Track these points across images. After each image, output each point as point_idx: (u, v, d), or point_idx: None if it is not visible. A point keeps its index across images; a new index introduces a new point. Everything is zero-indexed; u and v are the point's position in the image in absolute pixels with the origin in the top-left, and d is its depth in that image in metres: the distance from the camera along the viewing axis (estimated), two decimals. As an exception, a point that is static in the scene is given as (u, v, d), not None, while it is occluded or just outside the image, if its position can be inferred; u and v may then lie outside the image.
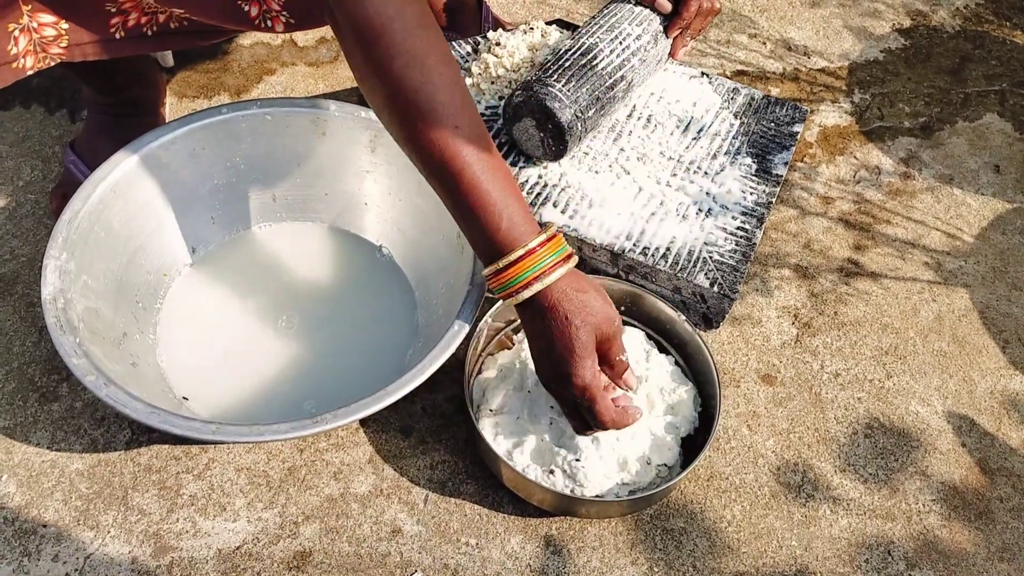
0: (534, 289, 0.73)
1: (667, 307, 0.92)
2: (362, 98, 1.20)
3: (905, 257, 1.11)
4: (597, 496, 0.82)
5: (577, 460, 0.82)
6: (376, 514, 0.86)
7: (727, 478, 0.91)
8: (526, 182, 0.98)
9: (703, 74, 1.12)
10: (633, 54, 0.97)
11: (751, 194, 1.01)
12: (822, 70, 1.32)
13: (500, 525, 0.86)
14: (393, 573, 0.82)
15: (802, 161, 1.20)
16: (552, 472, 0.83)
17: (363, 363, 0.93)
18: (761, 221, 0.99)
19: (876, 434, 0.95)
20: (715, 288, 0.93)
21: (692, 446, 0.87)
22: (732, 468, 0.91)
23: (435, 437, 0.91)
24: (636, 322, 0.95)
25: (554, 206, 0.97)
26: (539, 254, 0.73)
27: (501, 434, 0.85)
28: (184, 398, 0.88)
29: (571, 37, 1.00)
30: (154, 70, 1.11)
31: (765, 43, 1.35)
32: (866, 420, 0.96)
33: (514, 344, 0.93)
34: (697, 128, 1.06)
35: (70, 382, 0.91)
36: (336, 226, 1.03)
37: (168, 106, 1.16)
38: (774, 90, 1.28)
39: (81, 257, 0.84)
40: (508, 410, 0.87)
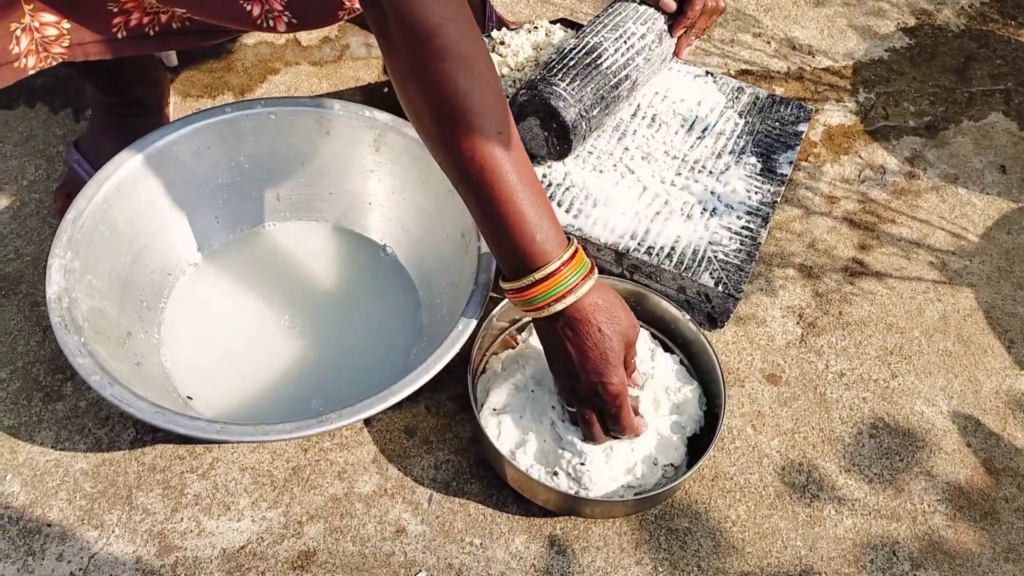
0: (566, 302, 0.74)
1: (672, 306, 0.92)
2: (366, 98, 1.20)
3: (910, 257, 1.11)
4: (602, 496, 0.82)
5: (582, 464, 0.82)
6: (380, 514, 0.86)
7: (732, 478, 0.91)
8: (530, 181, 0.98)
9: (707, 73, 1.12)
10: (638, 53, 0.97)
11: (756, 193, 1.01)
12: (827, 69, 1.32)
13: (504, 525, 0.86)
14: (397, 573, 0.82)
15: (807, 160, 1.20)
16: (556, 473, 0.83)
17: (367, 362, 0.92)
18: (766, 220, 0.99)
19: (881, 434, 0.95)
20: (720, 287, 0.93)
21: (697, 446, 0.87)
22: (737, 468, 0.91)
23: (439, 437, 0.91)
24: (641, 321, 0.95)
25: (558, 205, 0.96)
26: (565, 272, 0.73)
27: (505, 434, 0.85)
28: (188, 397, 0.88)
29: (575, 36, 1.00)
30: (158, 69, 1.11)
31: (769, 42, 1.35)
32: (871, 420, 0.96)
33: (518, 343, 0.93)
34: (702, 127, 1.06)
35: (74, 381, 0.92)
36: (340, 225, 1.03)
37: (172, 105, 1.16)
38: (779, 89, 1.28)
39: (86, 256, 0.84)
40: (512, 410, 0.86)
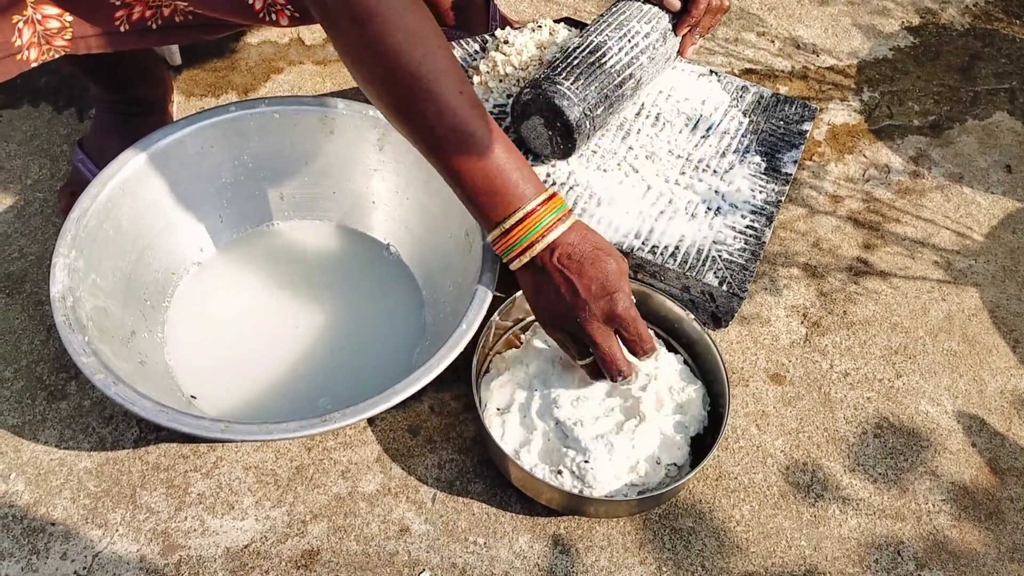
0: (547, 240, 0.76)
1: (676, 306, 0.92)
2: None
3: (915, 256, 1.11)
4: (606, 496, 0.82)
5: (586, 462, 0.82)
6: (384, 513, 0.86)
7: (736, 478, 0.90)
8: (534, 180, 0.98)
9: (712, 72, 1.12)
10: (642, 52, 0.97)
11: (760, 192, 1.01)
12: (831, 68, 1.32)
13: (508, 524, 0.86)
14: (401, 572, 0.82)
15: (811, 159, 1.20)
16: (560, 472, 0.83)
17: (370, 362, 0.92)
18: (770, 220, 0.99)
19: (885, 434, 0.95)
20: (724, 287, 0.93)
21: (701, 445, 0.87)
22: (741, 468, 0.91)
23: (443, 436, 0.91)
24: (645, 321, 0.95)
25: (562, 204, 0.96)
26: (541, 212, 0.76)
27: (509, 433, 0.85)
28: (192, 396, 0.88)
29: (579, 35, 1.00)
30: (161, 68, 1.11)
31: (774, 41, 1.35)
32: (875, 420, 0.96)
33: (522, 343, 0.93)
34: (706, 126, 1.06)
35: (78, 380, 0.92)
36: (344, 224, 1.03)
37: (176, 104, 1.16)
38: (783, 88, 1.28)
39: (90, 255, 0.85)
40: (516, 409, 0.86)
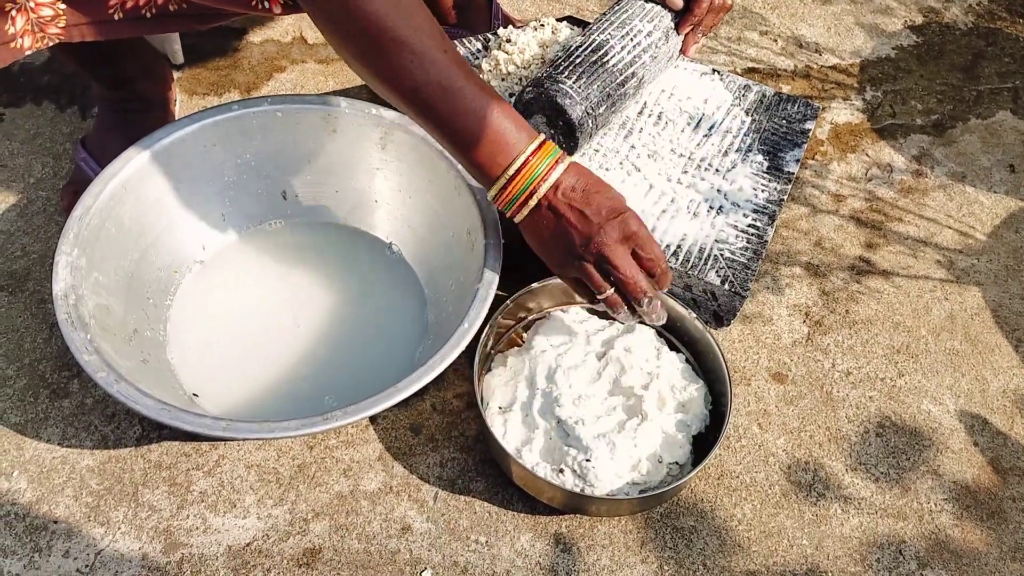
0: (546, 185, 0.77)
1: (678, 305, 0.92)
2: (373, 95, 1.20)
3: (917, 255, 1.11)
4: (607, 494, 0.82)
5: (587, 460, 0.82)
6: (386, 511, 0.86)
7: (737, 476, 0.90)
8: (536, 179, 0.98)
9: (714, 71, 1.12)
10: (644, 51, 0.97)
11: (762, 191, 1.01)
12: (834, 67, 1.32)
13: (510, 523, 0.86)
14: (403, 571, 0.82)
15: (814, 158, 1.20)
16: (562, 471, 0.83)
17: (373, 360, 0.92)
18: (773, 219, 0.98)
19: (888, 433, 0.95)
20: (726, 286, 0.93)
21: (703, 444, 0.87)
22: (743, 467, 0.91)
23: (445, 435, 0.91)
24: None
25: (564, 203, 0.96)
26: (534, 162, 0.77)
27: (511, 431, 0.85)
28: (194, 395, 0.88)
29: (582, 34, 1.00)
30: (163, 65, 1.11)
31: (776, 40, 1.35)
32: (877, 419, 0.96)
33: (523, 342, 0.93)
34: (708, 125, 1.06)
35: (81, 378, 0.92)
36: (346, 223, 1.03)
37: (178, 103, 1.16)
38: (785, 87, 1.27)
39: (92, 254, 0.85)
40: (518, 407, 0.86)
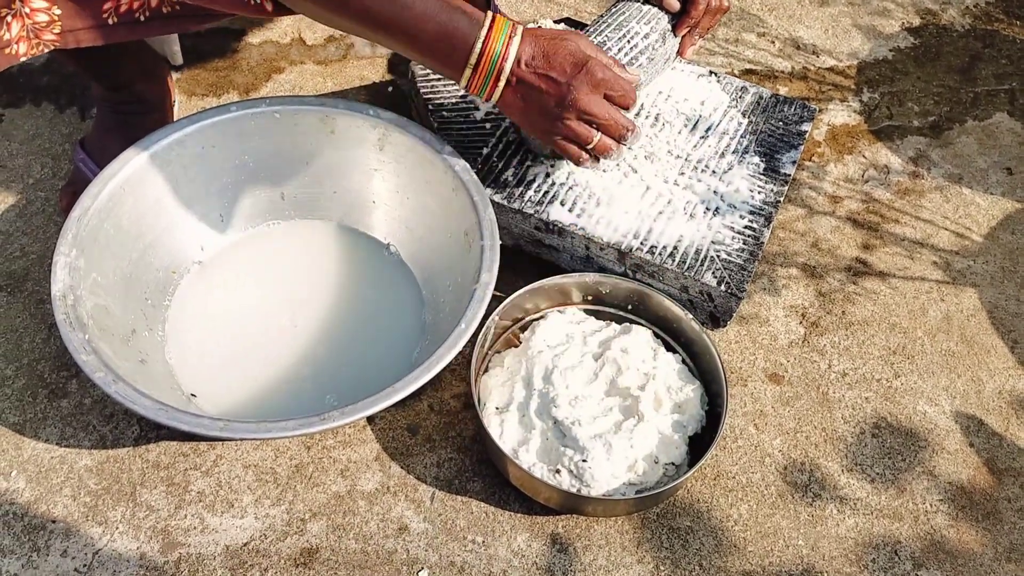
0: (508, 65, 0.81)
1: (674, 306, 0.92)
2: (371, 97, 1.20)
3: (913, 256, 1.11)
4: (604, 495, 0.82)
5: (584, 461, 0.82)
6: (383, 511, 0.86)
7: (734, 477, 0.91)
8: (533, 180, 0.98)
9: (711, 73, 1.12)
10: (641, 53, 0.97)
11: (759, 193, 1.01)
12: (831, 69, 1.32)
13: (506, 523, 0.86)
14: (400, 570, 0.83)
15: (810, 160, 1.20)
16: (558, 472, 0.83)
17: (370, 361, 0.93)
18: (769, 220, 0.99)
19: (883, 434, 0.95)
20: (722, 287, 0.93)
21: (699, 445, 0.87)
22: (739, 467, 0.91)
23: (442, 435, 0.91)
24: (643, 320, 0.95)
25: (561, 204, 0.97)
26: (491, 46, 0.80)
27: (507, 432, 0.85)
28: (192, 395, 0.88)
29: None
30: (161, 67, 1.11)
31: (774, 42, 1.35)
32: (873, 420, 0.96)
33: (521, 342, 0.93)
34: (705, 127, 1.06)
35: (79, 379, 0.92)
36: (344, 224, 1.03)
37: (177, 104, 1.16)
38: (783, 89, 1.28)
39: (91, 254, 0.85)
40: (514, 408, 0.87)
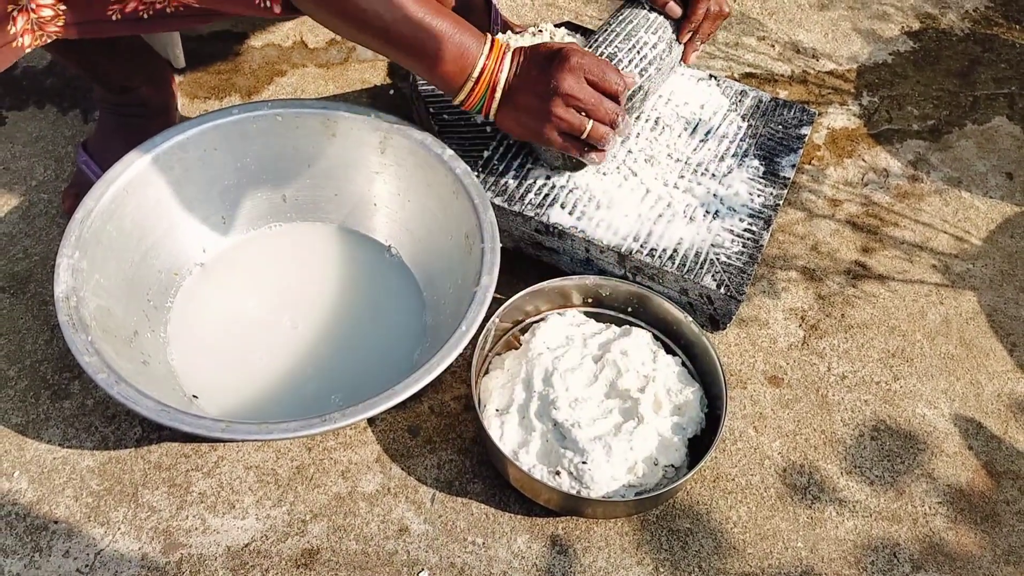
0: (502, 82, 0.87)
1: (674, 308, 0.93)
2: (372, 100, 1.21)
3: (913, 260, 1.11)
4: (604, 496, 0.82)
5: (584, 463, 0.82)
6: (383, 513, 0.86)
7: (733, 479, 0.91)
8: (534, 183, 0.99)
9: (711, 76, 1.12)
10: (650, 63, 0.97)
11: (758, 196, 1.01)
12: (830, 72, 1.32)
13: (507, 524, 0.86)
14: (400, 571, 0.83)
15: (810, 163, 1.20)
16: (558, 473, 0.83)
17: (371, 363, 0.93)
18: (768, 223, 0.99)
19: (883, 436, 0.96)
20: (722, 290, 0.93)
21: (698, 447, 0.87)
22: (738, 469, 0.92)
23: (442, 437, 0.92)
24: (643, 323, 0.96)
25: (561, 207, 0.97)
26: (490, 65, 0.86)
27: (507, 434, 0.86)
28: (194, 396, 0.89)
29: (588, 44, 1.00)
30: (164, 70, 1.11)
31: (773, 46, 1.36)
32: (873, 422, 0.96)
33: (521, 345, 0.94)
34: (705, 130, 1.06)
35: (81, 380, 0.92)
36: (345, 226, 1.03)
37: (180, 107, 1.17)
38: (782, 92, 1.28)
39: (93, 256, 0.85)
40: (514, 410, 0.87)
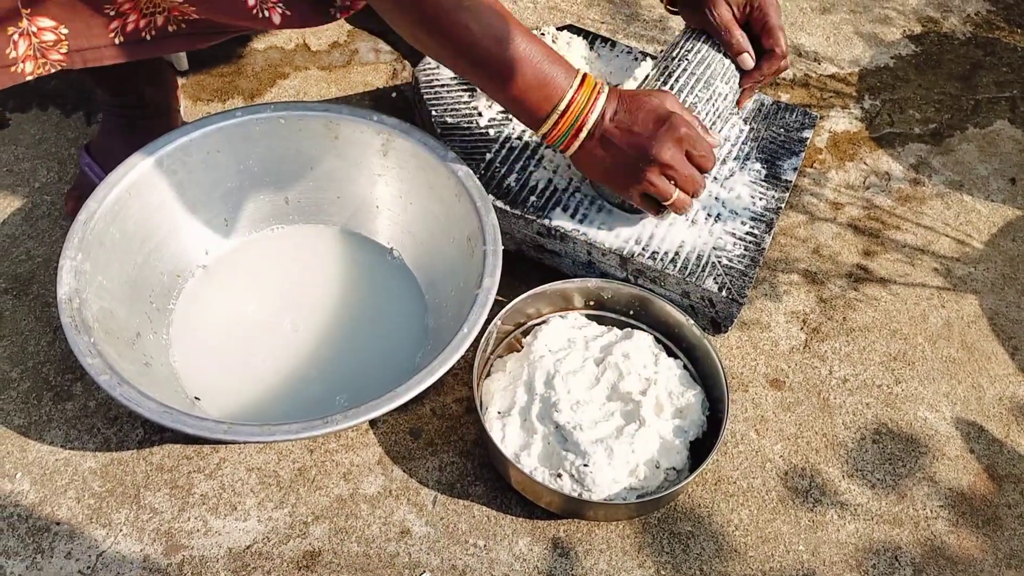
0: (591, 121, 0.84)
1: (676, 311, 0.93)
2: (375, 102, 1.21)
3: (914, 263, 1.11)
4: (605, 499, 0.83)
5: (585, 465, 0.82)
6: (385, 515, 0.86)
7: (735, 482, 0.91)
8: (536, 186, 0.99)
9: (713, 80, 1.12)
10: (719, 116, 0.95)
11: (760, 199, 1.01)
12: (832, 76, 1.32)
13: (508, 527, 0.86)
14: (401, 573, 0.83)
15: (812, 167, 1.20)
16: (560, 476, 0.83)
17: (373, 365, 0.93)
18: (770, 226, 0.99)
19: (884, 439, 0.96)
20: (724, 293, 0.93)
21: (700, 450, 0.87)
22: (740, 472, 0.92)
23: (444, 439, 0.92)
24: (645, 326, 0.96)
25: (563, 210, 0.97)
26: (578, 100, 0.83)
27: (509, 436, 0.86)
28: (196, 398, 0.89)
29: (660, 74, 0.94)
30: (167, 72, 1.12)
31: (775, 49, 1.36)
32: (874, 426, 0.96)
33: (523, 347, 0.94)
34: (707, 133, 1.06)
35: (84, 381, 0.93)
36: (348, 229, 1.03)
37: (182, 109, 1.17)
38: (785, 96, 1.28)
39: (96, 258, 0.85)
40: (516, 412, 0.87)
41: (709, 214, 0.99)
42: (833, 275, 1.09)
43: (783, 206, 1.02)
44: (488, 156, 1.01)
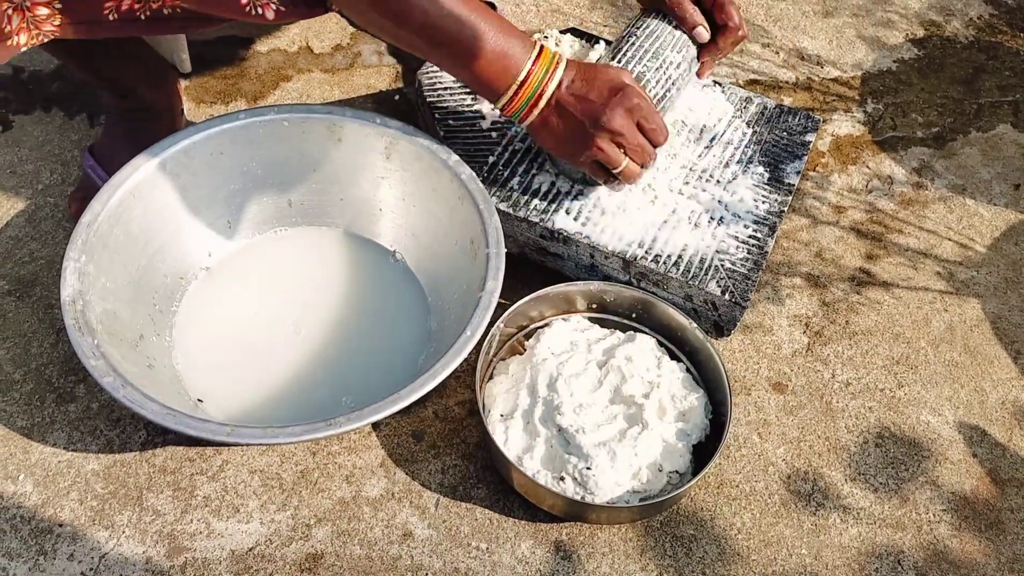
0: (548, 94, 0.85)
1: (678, 314, 0.93)
2: (378, 105, 1.21)
3: (917, 267, 1.11)
4: (608, 502, 0.83)
5: (588, 468, 0.82)
6: (387, 517, 0.86)
7: (737, 486, 0.91)
8: (539, 188, 0.99)
9: (716, 83, 1.12)
10: (673, 84, 0.96)
11: (763, 203, 1.01)
12: (835, 80, 1.33)
13: (510, 530, 0.86)
14: (404, 576, 0.83)
15: (814, 170, 1.20)
16: (562, 479, 0.83)
17: (375, 367, 0.93)
18: (773, 230, 0.99)
19: (887, 443, 0.95)
20: (726, 296, 0.93)
21: (703, 453, 0.87)
22: (742, 476, 0.92)
23: (446, 442, 0.92)
24: (647, 329, 0.96)
25: (566, 213, 0.97)
26: (535, 72, 0.84)
27: (512, 439, 0.86)
28: (199, 400, 0.89)
29: (612, 54, 0.96)
30: (170, 74, 1.12)
31: (778, 52, 1.36)
32: (877, 429, 0.96)
33: (525, 350, 0.94)
34: (710, 137, 1.07)
35: (87, 383, 0.93)
36: (351, 231, 1.04)
37: (186, 111, 1.17)
38: (787, 99, 1.28)
39: (100, 260, 0.86)
40: (519, 415, 0.87)
41: (712, 217, 0.99)
42: (836, 279, 1.09)
43: (786, 209, 1.02)
44: (491, 159, 1.01)
